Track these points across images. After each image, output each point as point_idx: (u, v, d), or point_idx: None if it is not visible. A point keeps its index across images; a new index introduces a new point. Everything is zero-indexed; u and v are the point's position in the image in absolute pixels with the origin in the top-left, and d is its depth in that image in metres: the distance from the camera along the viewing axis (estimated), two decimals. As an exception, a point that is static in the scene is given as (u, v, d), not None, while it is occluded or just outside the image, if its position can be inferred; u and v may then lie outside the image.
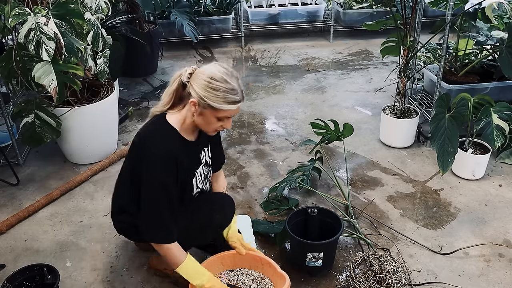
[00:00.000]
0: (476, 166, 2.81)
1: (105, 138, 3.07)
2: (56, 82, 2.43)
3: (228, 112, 1.77)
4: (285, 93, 4.03)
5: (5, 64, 2.51)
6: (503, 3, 2.96)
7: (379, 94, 3.89)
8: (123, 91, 4.10)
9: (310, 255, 2.07)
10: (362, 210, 2.59)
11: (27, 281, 2.02)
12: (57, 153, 3.11)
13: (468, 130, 2.81)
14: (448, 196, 2.71)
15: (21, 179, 2.89)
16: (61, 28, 2.44)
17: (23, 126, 2.73)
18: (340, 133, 2.73)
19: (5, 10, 2.38)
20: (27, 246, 2.39)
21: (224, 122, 1.81)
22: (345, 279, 2.15)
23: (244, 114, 3.69)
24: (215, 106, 1.73)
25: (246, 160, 3.09)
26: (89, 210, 2.64)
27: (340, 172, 2.95)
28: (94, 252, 2.34)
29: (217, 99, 1.72)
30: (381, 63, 4.59)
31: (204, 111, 1.76)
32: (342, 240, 2.38)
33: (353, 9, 5.08)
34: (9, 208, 2.67)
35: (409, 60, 3.02)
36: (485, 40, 3.31)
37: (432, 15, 4.93)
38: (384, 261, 2.07)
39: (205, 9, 4.90)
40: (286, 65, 4.62)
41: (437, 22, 3.35)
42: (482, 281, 2.14)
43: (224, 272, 2.06)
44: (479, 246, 2.33)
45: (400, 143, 3.18)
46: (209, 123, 1.80)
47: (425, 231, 2.45)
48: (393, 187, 2.80)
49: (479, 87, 3.13)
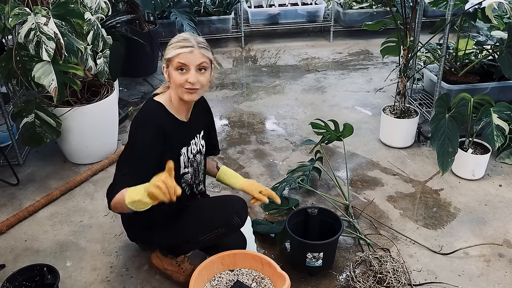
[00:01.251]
0: (476, 166, 2.81)
1: (105, 138, 3.07)
2: (56, 82, 2.43)
3: (179, 57, 1.77)
4: (285, 93, 4.03)
5: (5, 64, 2.51)
6: (503, 3, 2.96)
7: (379, 94, 3.89)
8: (123, 91, 4.10)
9: (310, 255, 2.07)
10: (362, 210, 2.59)
11: (27, 281, 2.02)
12: (57, 153, 3.11)
13: (468, 130, 2.81)
14: (448, 196, 2.71)
15: (21, 179, 2.89)
16: (61, 28, 2.44)
17: (23, 126, 2.73)
18: (340, 133, 2.73)
19: (5, 10, 2.38)
20: (27, 246, 2.39)
21: (184, 73, 1.79)
22: (345, 279, 2.15)
23: (244, 114, 3.69)
24: (169, 56, 1.79)
25: (246, 160, 3.09)
26: (89, 210, 2.64)
27: (340, 172, 2.95)
28: (94, 252, 2.34)
29: (169, 50, 1.80)
30: (381, 63, 4.59)
31: (169, 70, 1.82)
32: (342, 240, 2.38)
33: (353, 9, 5.08)
34: (9, 208, 2.67)
35: (409, 60, 3.02)
36: (485, 40, 3.31)
37: (432, 15, 4.93)
38: (384, 261, 2.07)
39: (205, 9, 4.91)
40: (286, 65, 4.62)
41: (437, 22, 3.35)
42: (482, 281, 2.14)
43: (224, 272, 2.06)
44: (479, 246, 2.33)
45: (400, 143, 3.18)
46: (174, 81, 1.81)
47: (425, 231, 2.45)
48: (393, 187, 2.80)
49: (479, 87, 3.13)
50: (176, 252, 2.12)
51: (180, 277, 2.12)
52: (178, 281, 2.13)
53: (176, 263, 2.12)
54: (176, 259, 2.12)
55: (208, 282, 2.01)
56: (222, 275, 2.04)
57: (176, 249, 2.12)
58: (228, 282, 2.01)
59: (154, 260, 2.20)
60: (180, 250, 2.12)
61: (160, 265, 2.16)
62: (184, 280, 2.10)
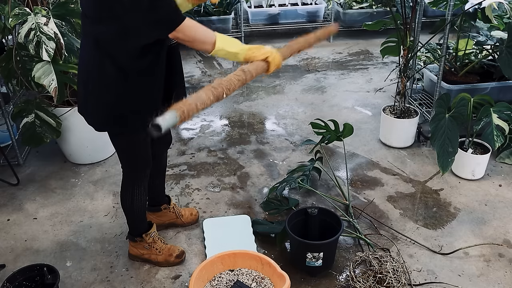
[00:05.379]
0: (476, 166, 2.81)
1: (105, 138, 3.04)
2: (56, 82, 2.43)
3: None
4: (285, 93, 4.03)
5: (5, 64, 2.51)
6: (503, 3, 2.96)
7: (379, 94, 3.89)
8: (123, 91, 4.09)
9: (310, 255, 2.07)
10: (362, 210, 2.59)
11: (27, 281, 2.02)
12: (57, 153, 3.11)
13: (468, 130, 2.81)
14: (448, 196, 2.71)
15: (21, 179, 2.89)
16: (61, 28, 2.44)
17: (23, 126, 2.73)
18: (340, 133, 2.73)
19: (5, 10, 2.38)
20: (27, 246, 2.39)
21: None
22: (345, 279, 2.15)
23: (244, 114, 3.69)
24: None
25: (246, 160, 3.09)
26: (89, 210, 2.64)
27: (340, 172, 2.95)
28: (94, 252, 2.34)
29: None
30: (381, 63, 4.59)
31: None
32: (342, 240, 2.38)
33: (353, 9, 5.08)
34: (9, 208, 2.67)
35: (409, 60, 3.02)
36: (485, 40, 3.30)
37: (432, 15, 4.92)
38: (384, 261, 2.07)
39: (205, 9, 4.90)
40: (286, 65, 4.61)
41: (437, 22, 3.35)
42: (482, 281, 2.14)
43: (224, 272, 2.06)
44: (479, 246, 2.33)
45: (400, 143, 3.18)
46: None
47: (425, 231, 2.45)
48: (393, 187, 2.80)
49: (479, 87, 3.13)
50: (138, 232, 2.20)
51: (158, 257, 2.21)
52: (157, 262, 2.22)
53: (148, 245, 2.20)
54: (146, 241, 2.19)
55: (208, 282, 2.01)
56: (222, 275, 2.04)
57: (136, 228, 2.20)
58: (228, 282, 2.01)
59: (131, 251, 2.26)
60: (140, 227, 2.20)
61: (137, 253, 2.23)
62: (163, 260, 2.21)
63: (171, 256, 2.22)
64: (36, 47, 2.36)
